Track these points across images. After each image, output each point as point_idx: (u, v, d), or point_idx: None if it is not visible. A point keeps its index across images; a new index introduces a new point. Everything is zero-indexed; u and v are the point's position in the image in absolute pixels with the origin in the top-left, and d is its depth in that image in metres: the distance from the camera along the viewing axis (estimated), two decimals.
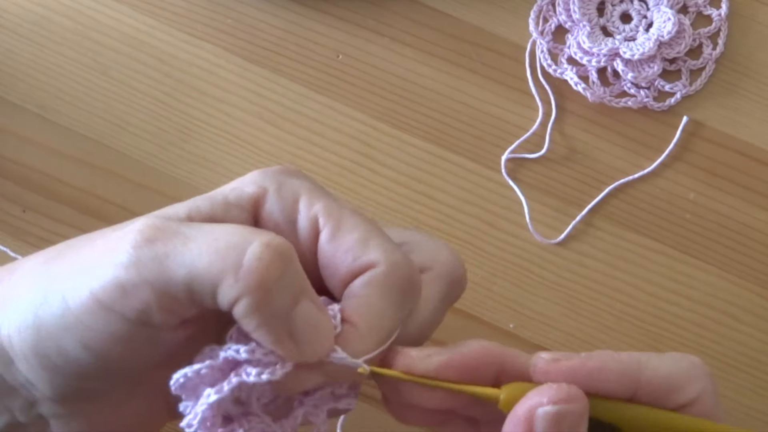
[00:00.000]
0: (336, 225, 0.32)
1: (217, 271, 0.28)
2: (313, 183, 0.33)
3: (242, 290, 0.28)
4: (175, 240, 0.29)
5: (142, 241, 0.29)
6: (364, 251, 0.31)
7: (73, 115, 0.52)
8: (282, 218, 0.32)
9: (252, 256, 0.28)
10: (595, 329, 0.49)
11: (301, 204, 0.32)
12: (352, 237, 0.32)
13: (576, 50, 0.52)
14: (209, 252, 0.29)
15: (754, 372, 0.48)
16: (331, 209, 0.32)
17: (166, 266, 0.29)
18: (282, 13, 0.53)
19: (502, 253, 0.50)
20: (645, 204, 0.50)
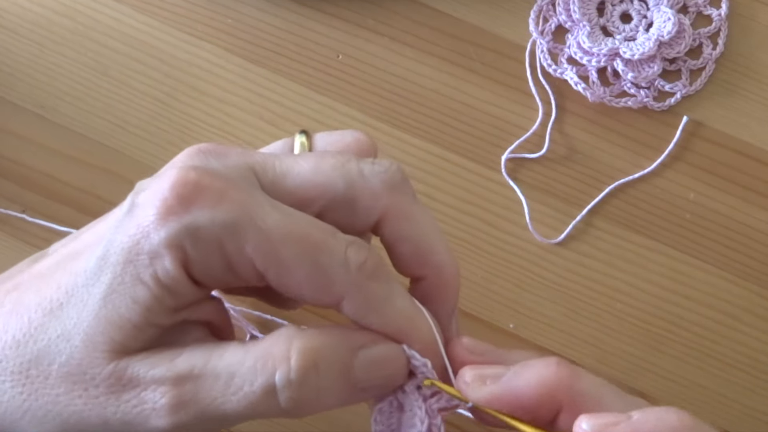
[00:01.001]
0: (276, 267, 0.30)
1: (263, 415, 0.29)
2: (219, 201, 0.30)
3: (295, 415, 0.30)
4: (203, 396, 0.30)
5: (174, 407, 0.29)
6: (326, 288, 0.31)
7: (73, 115, 0.52)
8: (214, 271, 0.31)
9: (288, 403, 0.29)
10: (595, 329, 0.49)
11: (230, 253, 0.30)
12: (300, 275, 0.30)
13: (576, 50, 0.52)
14: (244, 406, 0.29)
15: (754, 372, 0.48)
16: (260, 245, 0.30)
17: (212, 419, 0.30)
18: (282, 13, 0.53)
19: (502, 253, 0.50)
20: (645, 204, 0.50)
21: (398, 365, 0.31)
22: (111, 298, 0.30)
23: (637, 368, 0.48)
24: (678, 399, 0.48)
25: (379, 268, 0.31)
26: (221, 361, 0.30)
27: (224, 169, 0.31)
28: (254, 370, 0.29)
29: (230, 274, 0.31)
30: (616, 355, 0.48)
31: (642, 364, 0.48)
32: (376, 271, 0.31)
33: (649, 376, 0.48)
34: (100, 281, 0.30)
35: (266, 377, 0.29)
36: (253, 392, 0.29)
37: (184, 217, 0.29)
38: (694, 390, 0.48)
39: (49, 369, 0.30)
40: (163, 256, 0.29)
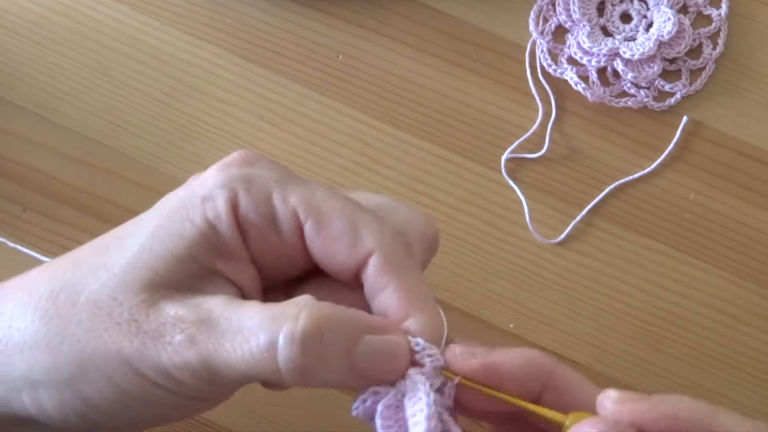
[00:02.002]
0: (318, 215, 0.32)
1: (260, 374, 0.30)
2: (277, 168, 0.34)
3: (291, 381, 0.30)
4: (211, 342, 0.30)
5: (187, 344, 0.30)
6: (356, 240, 0.32)
7: (73, 115, 0.52)
8: (259, 219, 0.32)
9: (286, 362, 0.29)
10: (595, 329, 0.49)
11: (275, 199, 0.32)
12: (339, 224, 0.32)
13: (576, 50, 0.52)
14: (245, 359, 0.30)
15: (754, 372, 0.48)
16: (308, 198, 0.32)
17: (214, 369, 0.30)
18: (282, 13, 0.53)
19: (502, 253, 0.50)
20: (645, 204, 0.50)
21: (400, 358, 0.31)
22: (158, 232, 0.32)
23: (637, 368, 0.48)
24: None
25: (410, 245, 0.33)
26: (236, 312, 0.30)
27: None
28: (262, 325, 0.30)
29: (273, 229, 0.32)
30: (616, 355, 0.48)
31: (642, 364, 0.48)
32: (406, 245, 0.33)
33: (649, 376, 0.48)
34: (153, 218, 0.32)
35: (271, 334, 0.29)
36: (256, 345, 0.30)
37: (241, 169, 0.33)
38: (694, 390, 0.48)
39: (78, 295, 0.31)
40: (216, 196, 0.32)
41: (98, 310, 0.31)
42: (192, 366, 0.30)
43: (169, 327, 0.30)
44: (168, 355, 0.30)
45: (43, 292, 0.32)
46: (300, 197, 0.32)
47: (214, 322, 0.30)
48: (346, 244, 0.32)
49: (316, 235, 0.32)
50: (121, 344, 0.30)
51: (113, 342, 0.31)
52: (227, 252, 0.32)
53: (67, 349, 0.31)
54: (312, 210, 0.32)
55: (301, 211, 0.32)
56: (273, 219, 0.32)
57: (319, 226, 0.32)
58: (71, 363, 0.31)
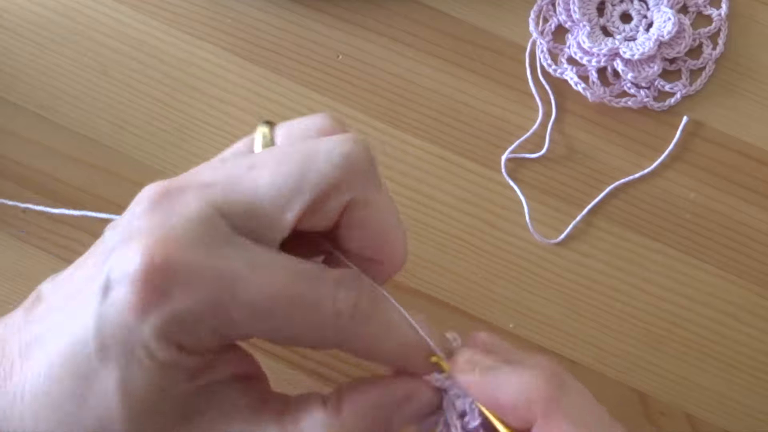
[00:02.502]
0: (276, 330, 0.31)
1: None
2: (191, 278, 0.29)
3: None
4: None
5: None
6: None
7: (73, 115, 0.52)
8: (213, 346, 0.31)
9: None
10: (595, 329, 0.49)
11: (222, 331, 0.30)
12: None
13: (576, 50, 0.52)
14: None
15: (754, 372, 0.48)
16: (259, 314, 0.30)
17: None
18: (282, 13, 0.53)
19: (502, 253, 0.50)
20: (645, 204, 0.50)
21: (431, 404, 0.32)
22: (127, 389, 0.29)
23: (637, 368, 0.48)
24: (678, 399, 0.48)
25: (371, 305, 0.31)
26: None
27: (187, 229, 0.29)
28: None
29: (225, 338, 0.30)
30: (616, 355, 0.48)
31: (642, 364, 0.48)
32: (368, 312, 0.31)
33: (649, 376, 0.48)
34: (111, 373, 0.29)
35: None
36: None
37: (163, 308, 0.29)
38: (694, 390, 0.48)
39: None
40: (155, 349, 0.29)
41: None
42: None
43: None
44: None
45: None
46: (242, 318, 0.29)
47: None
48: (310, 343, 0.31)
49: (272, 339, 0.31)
50: None
51: None
52: (198, 371, 0.31)
53: None
54: (260, 326, 0.30)
55: (248, 329, 0.30)
56: (221, 337, 0.30)
57: (273, 334, 0.30)
58: None
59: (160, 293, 0.28)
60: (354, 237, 0.32)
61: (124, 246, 0.30)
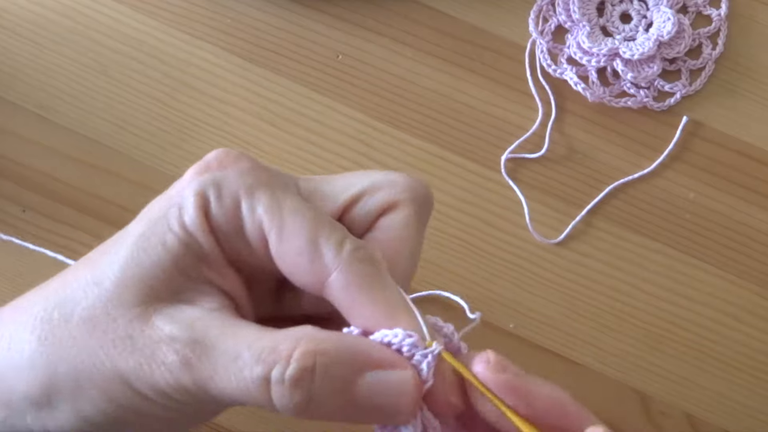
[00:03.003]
0: (279, 229, 0.31)
1: (256, 404, 0.30)
2: (252, 172, 0.33)
3: (288, 415, 0.29)
4: (207, 367, 0.30)
5: (180, 366, 0.30)
6: (315, 258, 0.31)
7: (73, 115, 0.52)
8: (228, 227, 0.32)
9: (279, 401, 0.29)
10: (595, 329, 0.49)
11: (243, 209, 0.32)
12: (298, 241, 0.31)
13: (576, 50, 0.52)
14: (240, 390, 0.29)
15: (754, 372, 0.48)
16: (271, 209, 0.32)
17: (208, 393, 0.30)
18: (282, 13, 0.53)
19: (502, 253, 0.50)
20: (645, 204, 0.50)
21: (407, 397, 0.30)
22: (142, 244, 0.31)
23: (637, 368, 0.48)
24: (678, 399, 0.48)
25: (373, 258, 0.32)
26: (233, 339, 0.30)
27: (270, 168, 0.34)
28: (256, 358, 0.29)
29: (241, 237, 0.32)
30: (616, 355, 0.48)
31: (642, 364, 0.48)
32: (368, 258, 0.31)
33: (649, 376, 0.48)
34: (135, 231, 0.32)
35: (264, 369, 0.29)
36: (250, 378, 0.29)
37: (215, 173, 0.33)
38: (694, 390, 0.48)
39: (72, 312, 0.31)
40: (187, 203, 0.32)
41: (92, 327, 0.31)
42: (186, 387, 0.30)
43: (162, 346, 0.30)
44: (162, 375, 0.30)
45: (38, 313, 0.32)
46: (266, 208, 0.32)
47: (208, 345, 0.30)
48: (305, 262, 0.31)
49: (276, 249, 0.32)
50: (117, 362, 0.30)
51: (109, 360, 0.31)
52: (208, 259, 0.32)
53: (64, 369, 0.31)
54: (275, 224, 0.31)
55: (265, 223, 0.32)
56: (241, 228, 0.32)
57: (279, 241, 0.31)
58: (70, 382, 0.31)
59: (221, 164, 0.34)
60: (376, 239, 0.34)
61: None
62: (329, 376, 0.29)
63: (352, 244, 0.31)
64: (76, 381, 0.31)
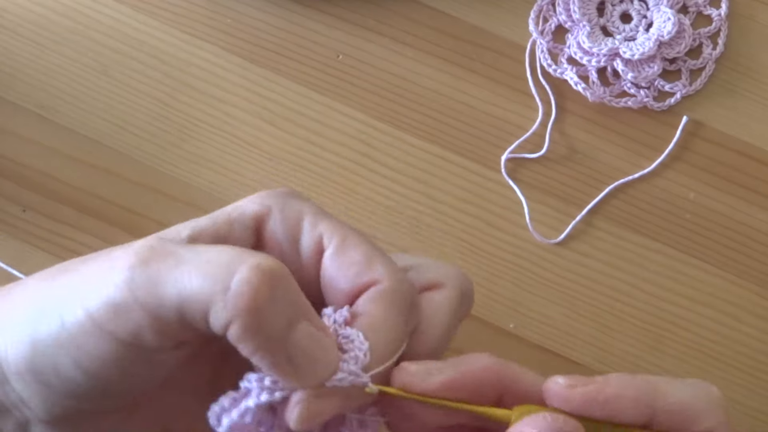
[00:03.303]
0: (341, 241, 0.32)
1: (207, 294, 0.28)
2: (317, 206, 0.33)
3: (232, 314, 0.27)
4: (168, 261, 0.29)
5: (136, 262, 0.29)
6: (369, 267, 0.31)
7: (73, 115, 0.52)
8: (285, 237, 0.32)
9: (241, 279, 0.27)
10: (595, 329, 0.49)
11: (305, 223, 0.32)
12: (356, 253, 0.32)
13: (576, 50, 0.52)
14: (199, 275, 0.28)
15: (754, 372, 0.48)
16: (336, 228, 0.32)
17: (158, 289, 0.28)
18: (282, 13, 0.53)
19: (502, 253, 0.50)
20: (645, 204, 0.50)
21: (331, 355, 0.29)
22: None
23: (637, 368, 0.48)
24: None
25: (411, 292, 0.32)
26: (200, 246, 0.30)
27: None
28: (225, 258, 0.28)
29: (294, 248, 0.32)
30: (616, 355, 0.48)
31: (642, 364, 0.48)
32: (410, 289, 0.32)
33: None
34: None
35: (237, 253, 0.29)
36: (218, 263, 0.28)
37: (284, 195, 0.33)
38: None
39: None
40: (247, 205, 0.33)
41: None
42: (136, 283, 0.28)
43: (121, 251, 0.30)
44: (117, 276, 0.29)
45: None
46: (329, 227, 0.32)
47: (173, 250, 0.29)
48: (356, 271, 0.31)
49: (332, 259, 0.32)
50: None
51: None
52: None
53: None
54: (337, 237, 0.32)
55: (326, 237, 0.32)
56: (297, 240, 0.32)
57: (338, 251, 0.32)
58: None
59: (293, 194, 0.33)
60: None
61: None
62: (288, 295, 0.28)
63: (401, 272, 0.32)
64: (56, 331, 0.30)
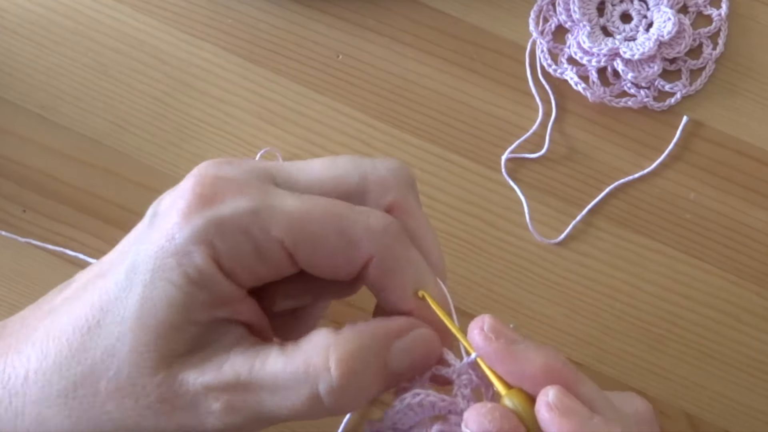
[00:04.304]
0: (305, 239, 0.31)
1: (310, 416, 0.31)
2: (244, 190, 0.31)
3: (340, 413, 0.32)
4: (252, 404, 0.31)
5: (227, 411, 0.31)
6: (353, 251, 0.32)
7: (73, 115, 0.52)
8: (243, 259, 0.31)
9: (332, 406, 0.30)
10: (595, 329, 0.49)
11: (256, 236, 0.31)
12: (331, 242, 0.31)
13: (576, 50, 0.52)
14: (291, 412, 0.30)
15: (754, 372, 0.48)
16: (289, 226, 0.31)
17: (261, 420, 0.31)
18: (282, 13, 0.53)
19: (502, 253, 0.50)
20: (645, 204, 0.50)
21: (431, 347, 0.32)
22: (146, 306, 0.30)
23: (637, 368, 0.48)
24: (678, 399, 0.48)
25: (401, 232, 0.32)
26: (264, 370, 0.30)
27: (240, 170, 0.32)
28: (297, 381, 0.30)
29: (260, 262, 0.31)
30: (615, 354, 0.48)
31: (642, 364, 0.48)
32: (399, 234, 0.32)
33: (648, 376, 0.48)
34: (133, 292, 0.31)
35: (310, 387, 0.30)
36: (299, 401, 0.30)
37: (207, 213, 0.30)
38: (693, 390, 0.48)
39: (98, 386, 0.31)
40: (191, 252, 0.30)
41: (123, 399, 0.30)
42: (238, 425, 0.31)
43: (201, 397, 0.30)
44: (212, 423, 0.30)
45: (58, 390, 0.31)
46: (281, 227, 0.31)
47: (244, 384, 0.30)
48: (343, 259, 0.31)
49: (310, 259, 0.31)
50: (160, 425, 0.30)
51: (152, 426, 0.30)
52: (221, 299, 0.31)
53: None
54: (298, 236, 0.31)
55: (287, 242, 0.31)
56: (258, 254, 0.31)
57: (311, 249, 0.31)
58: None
59: (207, 200, 0.30)
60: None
61: (173, 189, 0.32)
62: (367, 365, 0.30)
63: (378, 222, 0.32)
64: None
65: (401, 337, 0.32)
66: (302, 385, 0.30)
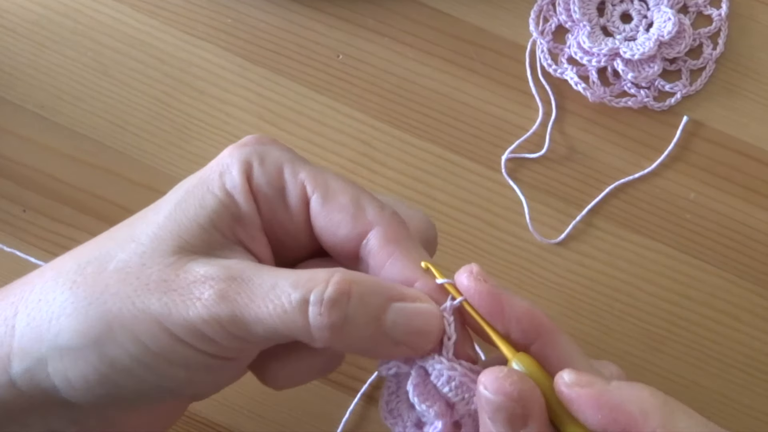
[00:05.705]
0: (324, 190, 0.34)
1: (291, 331, 0.31)
2: (289, 150, 0.35)
3: (321, 340, 0.31)
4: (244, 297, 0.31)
5: (217, 299, 0.31)
6: (358, 213, 0.34)
7: (73, 115, 0.52)
8: (270, 190, 0.34)
9: (315, 320, 0.31)
10: (595, 329, 0.49)
11: (286, 173, 0.34)
12: (343, 199, 0.34)
13: (576, 50, 0.52)
14: (277, 314, 0.31)
15: (754, 372, 0.48)
16: (316, 175, 0.34)
17: (245, 324, 0.31)
18: (282, 13, 0.53)
19: (502, 253, 0.50)
20: (645, 204, 0.50)
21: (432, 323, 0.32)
22: (181, 205, 0.33)
23: (637, 368, 0.48)
24: (677, 398, 0.48)
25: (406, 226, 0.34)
26: (269, 274, 0.32)
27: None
28: (295, 285, 0.31)
29: (281, 199, 0.34)
30: (616, 354, 0.48)
31: (641, 364, 0.48)
32: (402, 221, 0.34)
33: (648, 376, 0.48)
34: (174, 198, 0.34)
35: (303, 293, 0.31)
36: (288, 302, 0.31)
37: (255, 146, 0.35)
38: (693, 390, 0.48)
39: (106, 265, 0.32)
40: (232, 168, 0.34)
41: (126, 275, 0.32)
42: (221, 320, 0.31)
43: (198, 284, 0.31)
44: (197, 310, 0.31)
45: (71, 267, 0.33)
46: (309, 173, 0.34)
47: (245, 279, 0.32)
48: (349, 217, 0.33)
49: (320, 208, 0.34)
50: (148, 302, 0.31)
51: (141, 301, 0.31)
52: (244, 220, 0.34)
53: (93, 312, 0.32)
54: (319, 185, 0.34)
55: (308, 185, 0.34)
56: (282, 191, 0.34)
57: (325, 199, 0.34)
58: (98, 324, 0.32)
59: (260, 141, 0.35)
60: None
61: None
62: (363, 301, 0.31)
63: (390, 208, 0.34)
64: (106, 324, 0.31)
65: (407, 301, 0.32)
66: (296, 290, 0.31)
